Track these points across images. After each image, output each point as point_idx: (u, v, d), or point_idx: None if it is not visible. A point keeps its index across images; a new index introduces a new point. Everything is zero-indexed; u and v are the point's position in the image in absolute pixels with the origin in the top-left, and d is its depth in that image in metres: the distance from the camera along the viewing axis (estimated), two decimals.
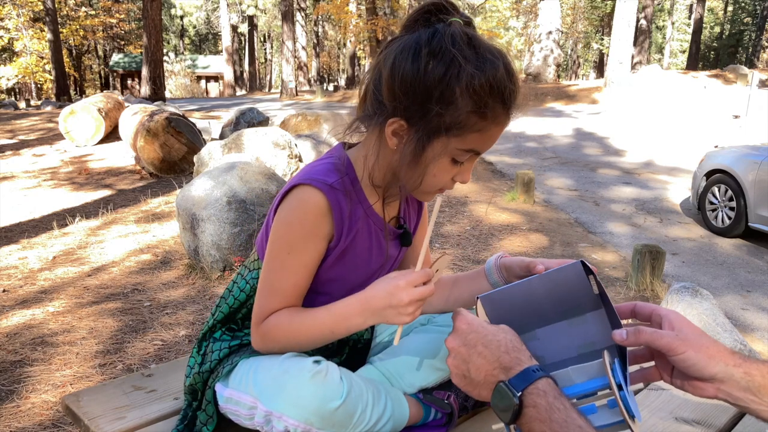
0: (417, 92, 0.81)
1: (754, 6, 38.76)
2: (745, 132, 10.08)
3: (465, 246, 4.58)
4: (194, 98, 25.93)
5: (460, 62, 0.78)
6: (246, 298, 1.02)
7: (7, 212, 5.62)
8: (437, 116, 0.81)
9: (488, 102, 0.80)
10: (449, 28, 0.80)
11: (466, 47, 0.79)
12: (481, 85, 0.79)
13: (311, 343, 0.92)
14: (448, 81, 0.79)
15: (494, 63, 0.80)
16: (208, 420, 0.99)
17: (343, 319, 0.88)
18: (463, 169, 0.89)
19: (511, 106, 0.83)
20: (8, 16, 24.94)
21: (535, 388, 0.70)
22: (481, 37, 0.82)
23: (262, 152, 5.91)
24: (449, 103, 0.80)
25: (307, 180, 0.89)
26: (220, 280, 3.65)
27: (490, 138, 0.86)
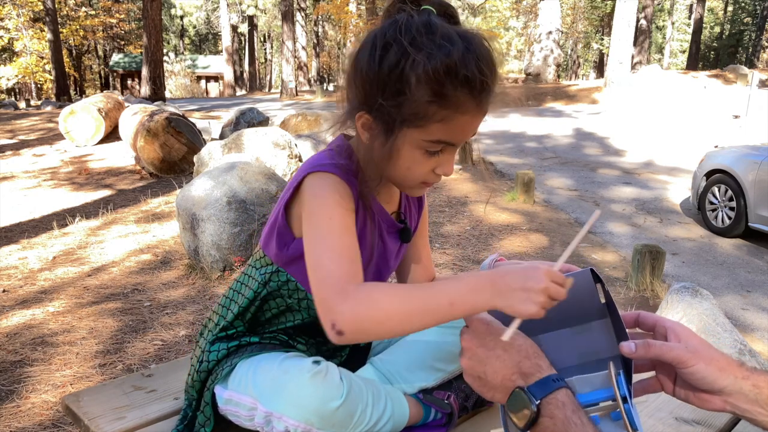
0: (374, 85, 0.80)
1: (754, 6, 38.76)
2: (745, 132, 10.08)
3: (465, 246, 4.58)
4: (194, 98, 25.93)
5: (409, 51, 0.76)
6: (254, 296, 1.00)
7: (7, 212, 5.63)
8: (396, 108, 0.79)
9: (446, 89, 0.77)
10: (408, 17, 0.78)
11: (422, 35, 0.77)
12: (434, 72, 0.76)
13: (422, 313, 0.75)
14: (400, 72, 0.77)
15: (447, 48, 0.76)
16: (206, 421, 0.99)
17: (470, 291, 0.74)
18: (442, 161, 0.86)
19: (478, 92, 0.79)
20: (8, 16, 24.94)
21: (554, 399, 0.69)
22: (444, 24, 0.79)
23: (262, 152, 5.91)
24: (404, 93, 0.78)
25: (316, 168, 0.88)
26: (220, 280, 3.65)
27: (459, 128, 0.82)
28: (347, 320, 0.76)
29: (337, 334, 0.76)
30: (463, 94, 0.78)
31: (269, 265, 0.99)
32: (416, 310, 0.75)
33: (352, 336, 0.76)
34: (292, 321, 1.03)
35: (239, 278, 1.06)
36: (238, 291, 1.04)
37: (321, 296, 0.79)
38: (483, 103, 0.81)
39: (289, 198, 0.93)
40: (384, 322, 0.76)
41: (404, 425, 0.99)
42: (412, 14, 0.79)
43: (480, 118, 0.83)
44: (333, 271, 0.80)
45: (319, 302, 0.79)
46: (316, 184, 0.87)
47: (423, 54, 0.76)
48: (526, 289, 0.71)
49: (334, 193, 0.86)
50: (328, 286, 0.79)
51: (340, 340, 0.77)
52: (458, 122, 0.81)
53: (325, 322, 0.77)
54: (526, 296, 0.71)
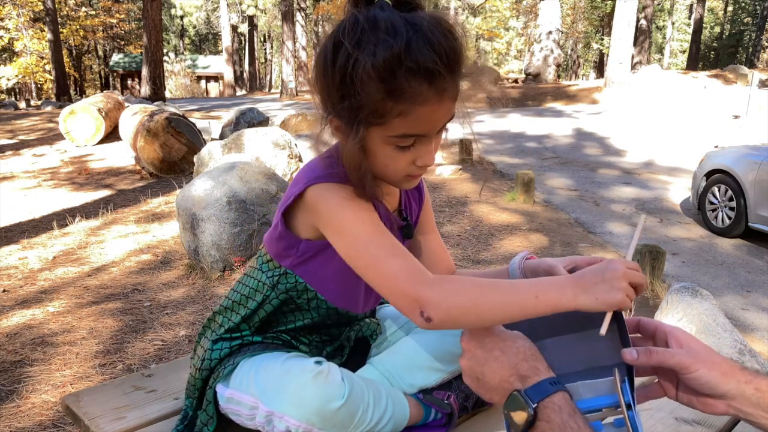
0: (332, 90, 0.80)
1: (754, 6, 38.76)
2: (745, 132, 10.08)
3: (465, 246, 4.58)
4: (194, 98, 25.93)
5: (349, 51, 0.75)
6: (263, 299, 1.00)
7: (7, 212, 5.63)
8: (354, 110, 0.79)
9: (396, 83, 0.75)
10: (354, 16, 0.77)
11: (365, 32, 0.75)
12: (378, 67, 0.74)
13: (509, 303, 0.75)
14: (350, 73, 0.76)
15: (389, 41, 0.74)
16: (208, 420, 0.99)
17: (554, 287, 0.75)
18: (419, 153, 0.85)
19: (432, 80, 0.76)
20: (8, 16, 24.94)
21: (550, 402, 0.69)
22: (392, 16, 0.76)
23: (262, 152, 5.91)
24: (357, 94, 0.77)
25: (318, 179, 0.87)
26: (220, 280, 3.65)
27: (422, 119, 0.80)
28: (436, 306, 0.76)
29: (426, 320, 0.76)
30: (415, 84, 0.76)
31: (277, 268, 0.98)
32: (504, 299, 0.76)
33: (441, 322, 0.76)
34: (302, 321, 1.03)
35: (243, 280, 1.05)
36: (243, 293, 1.03)
37: (400, 289, 0.78)
38: (443, 89, 0.78)
39: (290, 205, 0.92)
40: (472, 310, 0.76)
41: (405, 425, 0.99)
42: (360, 12, 0.78)
43: (446, 105, 0.81)
44: (401, 265, 0.80)
45: (399, 295, 0.79)
46: (328, 195, 0.86)
47: (366, 52, 0.75)
48: (607, 280, 0.72)
49: (350, 200, 0.85)
50: (406, 278, 0.79)
51: (429, 326, 0.77)
52: (419, 114, 0.79)
53: (411, 310, 0.77)
54: (609, 286, 0.72)
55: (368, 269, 0.83)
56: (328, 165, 0.88)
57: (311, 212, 0.89)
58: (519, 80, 24.17)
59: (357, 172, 0.84)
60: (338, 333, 1.09)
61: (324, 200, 0.86)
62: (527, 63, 22.17)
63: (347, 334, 1.09)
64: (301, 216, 0.93)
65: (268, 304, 1.00)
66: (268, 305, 1.00)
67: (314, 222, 0.90)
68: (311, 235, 0.93)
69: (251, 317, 1.01)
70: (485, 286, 0.77)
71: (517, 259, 1.06)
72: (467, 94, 0.84)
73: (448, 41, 0.77)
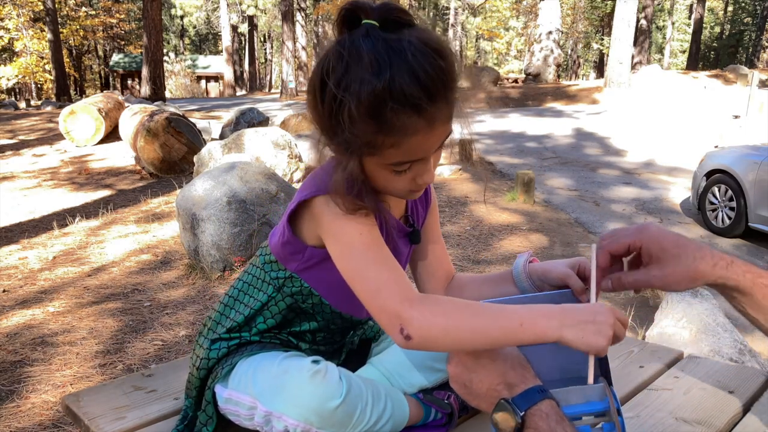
0: (322, 124, 0.81)
1: (754, 6, 38.76)
2: (745, 132, 10.07)
3: (465, 246, 4.58)
4: (194, 98, 25.94)
5: (336, 93, 0.75)
6: (267, 299, 1.00)
7: (7, 212, 5.63)
8: (346, 143, 0.78)
9: (384, 118, 0.75)
10: (337, 50, 0.76)
11: (348, 69, 0.74)
12: (364, 107, 0.74)
13: (492, 328, 0.75)
14: (336, 112, 0.76)
15: (371, 80, 0.73)
16: (207, 420, 0.99)
17: (541, 316, 0.75)
18: (417, 173, 0.85)
19: (421, 110, 0.75)
20: (8, 16, 24.95)
21: (538, 410, 0.69)
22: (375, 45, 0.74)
23: (262, 152, 5.91)
24: (347, 131, 0.76)
25: (322, 190, 0.87)
26: (220, 280, 3.65)
27: (415, 147, 0.79)
28: (416, 326, 0.76)
29: (405, 338, 0.76)
30: (404, 117, 0.75)
31: (281, 270, 0.98)
32: (487, 324, 0.76)
33: (420, 342, 0.76)
34: (307, 325, 1.03)
35: (244, 278, 1.04)
36: (245, 292, 1.03)
37: (382, 305, 0.79)
38: (433, 118, 0.77)
39: (296, 211, 0.92)
40: (453, 332, 0.76)
41: (404, 425, 0.98)
42: (344, 43, 0.76)
43: (439, 130, 0.80)
44: (387, 281, 0.80)
45: (381, 310, 0.79)
46: (332, 206, 0.85)
47: (350, 92, 0.74)
48: (597, 323, 0.74)
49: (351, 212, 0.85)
50: (389, 295, 0.79)
51: (408, 345, 0.77)
52: (412, 143, 0.78)
53: (392, 327, 0.77)
54: (597, 329, 0.73)
55: (355, 281, 0.83)
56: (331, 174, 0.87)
57: (315, 221, 0.89)
58: (519, 80, 24.18)
59: (355, 190, 0.84)
60: (342, 336, 1.09)
61: (327, 211, 0.86)
62: (527, 63, 22.18)
63: (351, 339, 1.10)
64: (306, 223, 0.92)
65: (274, 307, 1.00)
66: (273, 307, 1.00)
67: (317, 231, 0.90)
68: (316, 242, 0.93)
69: (254, 318, 1.01)
70: (470, 310, 0.77)
71: (521, 263, 1.05)
72: (467, 94, 0.84)
73: (435, 67, 0.75)
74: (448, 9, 29.82)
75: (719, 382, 1.19)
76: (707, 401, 1.11)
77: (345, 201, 0.82)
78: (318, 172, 0.91)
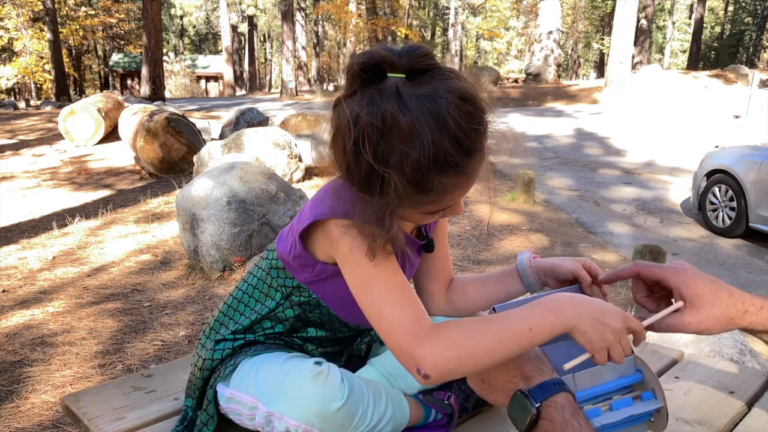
0: (356, 180, 0.78)
1: (754, 6, 38.76)
2: (746, 132, 10.07)
3: (465, 246, 4.58)
4: (194, 98, 25.94)
5: (375, 167, 0.73)
6: (275, 306, 0.99)
7: (7, 212, 5.63)
8: (383, 204, 0.76)
9: (428, 183, 0.74)
10: (369, 117, 0.72)
11: (384, 139, 0.72)
12: (408, 178, 0.73)
13: (503, 343, 0.75)
14: (373, 179, 0.74)
15: (413, 153, 0.71)
16: (209, 420, 0.99)
17: (549, 311, 0.75)
18: (448, 212, 0.85)
19: (462, 167, 0.75)
20: (8, 16, 24.95)
21: (553, 402, 0.70)
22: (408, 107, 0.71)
23: (262, 152, 5.91)
24: (387, 192, 0.75)
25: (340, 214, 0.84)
26: (219, 281, 3.65)
27: (456, 196, 0.80)
28: (431, 364, 0.76)
29: (423, 378, 0.76)
30: (446, 180, 0.75)
31: (290, 279, 0.97)
32: (498, 341, 0.76)
33: (439, 377, 0.77)
34: (314, 332, 1.02)
35: (250, 281, 1.03)
36: (252, 296, 1.02)
37: (396, 344, 0.79)
38: (473, 169, 0.78)
39: (306, 228, 0.90)
40: (468, 361, 0.76)
41: (405, 426, 0.98)
42: (373, 110, 0.72)
43: (475, 177, 0.80)
44: (400, 317, 0.79)
45: (396, 350, 0.79)
46: (349, 233, 0.83)
47: (389, 165, 0.73)
48: (605, 323, 0.74)
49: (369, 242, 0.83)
50: (402, 333, 0.78)
51: (428, 383, 0.78)
52: (452, 195, 0.79)
53: (409, 367, 0.78)
54: (601, 328, 0.74)
55: (370, 315, 0.83)
56: (354, 199, 0.82)
57: (330, 243, 0.87)
58: (519, 80, 24.17)
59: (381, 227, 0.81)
60: (350, 342, 1.09)
61: (345, 239, 0.83)
62: (527, 63, 22.19)
63: (359, 346, 1.10)
64: (319, 241, 0.91)
65: (281, 314, 0.99)
66: (281, 314, 0.99)
67: (330, 251, 0.89)
68: (328, 259, 0.92)
69: (261, 321, 1.00)
70: (478, 332, 0.76)
71: (526, 258, 1.05)
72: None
73: (472, 121, 0.75)
74: (448, 9, 29.82)
75: (720, 382, 1.19)
76: (708, 401, 1.11)
77: (367, 236, 0.80)
78: (333, 190, 0.87)
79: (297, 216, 0.97)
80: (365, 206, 0.78)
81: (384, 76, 0.74)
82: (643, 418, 0.80)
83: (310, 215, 0.88)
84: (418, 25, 35.36)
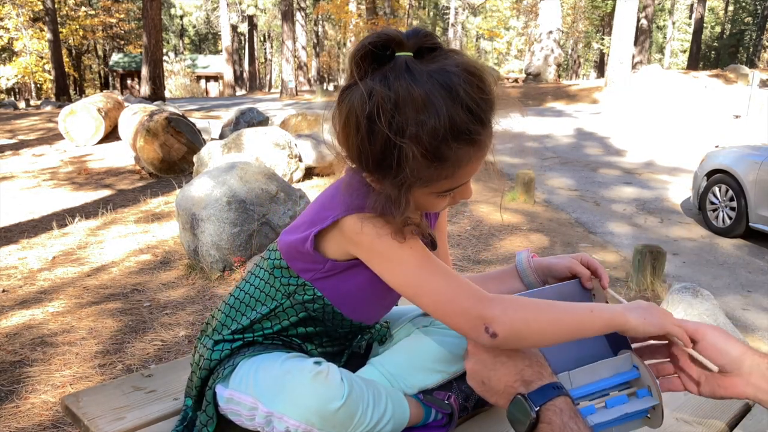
0: (370, 161, 0.78)
1: (754, 6, 38.76)
2: (746, 132, 10.07)
3: (465, 246, 4.58)
4: (194, 98, 25.94)
5: (391, 137, 0.73)
6: (276, 305, 0.99)
7: (7, 212, 5.62)
8: (397, 178, 0.77)
9: (443, 154, 0.75)
10: (382, 91, 0.73)
11: (400, 111, 0.73)
12: (425, 147, 0.74)
13: (567, 316, 0.80)
14: (392, 152, 0.75)
15: (428, 118, 0.73)
16: (208, 421, 0.99)
17: (604, 306, 0.82)
18: (460, 193, 0.86)
19: (476, 138, 0.77)
20: (8, 16, 24.95)
21: (552, 405, 0.72)
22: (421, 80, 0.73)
23: (262, 152, 5.91)
24: (403, 166, 0.75)
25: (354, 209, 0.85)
26: (219, 280, 3.65)
27: (468, 173, 0.81)
28: (501, 322, 0.77)
29: (491, 336, 0.78)
30: (461, 151, 0.77)
31: (294, 278, 0.96)
32: (562, 314, 0.80)
33: (507, 336, 0.78)
34: (314, 329, 1.02)
35: (251, 280, 1.03)
36: (252, 296, 1.01)
37: (461, 309, 0.80)
38: (485, 142, 0.79)
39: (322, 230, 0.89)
40: (534, 325, 0.79)
41: (405, 426, 0.98)
42: (386, 82, 0.73)
43: (487, 150, 0.81)
44: (457, 287, 0.81)
45: (459, 316, 0.80)
46: (370, 226, 0.83)
47: (408, 136, 0.73)
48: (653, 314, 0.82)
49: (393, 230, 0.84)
50: (465, 299, 0.80)
51: (494, 343, 0.79)
52: (465, 171, 0.80)
53: (475, 328, 0.79)
54: (655, 313, 0.82)
55: (421, 295, 0.83)
56: (366, 193, 0.84)
57: (348, 241, 0.87)
58: (519, 80, 24.18)
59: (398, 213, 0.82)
60: (349, 340, 1.09)
61: (368, 230, 0.83)
62: (527, 63, 22.19)
63: (359, 343, 1.09)
64: (333, 240, 0.90)
65: (282, 313, 0.99)
66: (282, 314, 0.99)
67: (351, 250, 0.88)
68: (341, 257, 0.91)
69: (261, 321, 1.00)
70: (542, 303, 0.81)
71: (524, 258, 1.06)
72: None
73: (482, 92, 0.76)
74: (448, 9, 29.83)
75: None
76: (707, 402, 1.11)
77: (391, 222, 0.81)
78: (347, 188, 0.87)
79: (304, 215, 0.97)
80: (379, 194, 0.80)
81: (392, 57, 0.76)
82: (639, 415, 0.80)
83: (330, 215, 0.87)
84: (418, 25, 35.39)
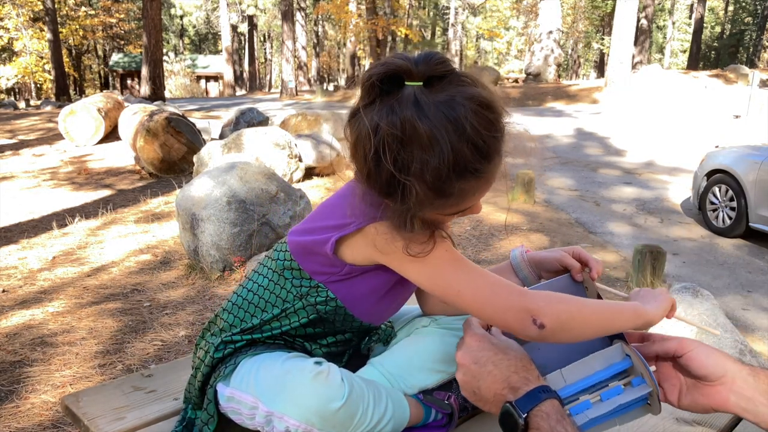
0: (378, 188, 0.78)
1: (754, 6, 38.76)
2: (746, 132, 10.07)
3: (465, 246, 4.58)
4: (194, 98, 25.94)
5: (396, 175, 0.73)
6: (287, 306, 0.98)
7: (7, 212, 5.62)
8: (404, 210, 0.77)
9: (448, 189, 0.75)
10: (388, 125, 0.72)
11: (404, 147, 0.72)
12: (429, 185, 0.74)
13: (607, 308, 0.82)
14: (395, 187, 0.75)
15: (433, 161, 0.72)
16: (209, 419, 0.98)
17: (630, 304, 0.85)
18: (467, 212, 0.86)
19: (483, 173, 0.77)
20: (8, 16, 24.95)
21: (539, 410, 0.72)
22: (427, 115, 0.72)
23: (262, 152, 5.90)
24: (407, 198, 0.75)
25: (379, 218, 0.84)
26: (219, 280, 3.65)
27: (476, 199, 0.82)
28: (547, 313, 0.79)
29: (539, 328, 0.78)
30: (467, 185, 0.77)
31: (306, 280, 0.96)
32: (602, 307, 0.83)
33: (554, 327, 0.79)
34: (321, 329, 1.02)
35: (259, 281, 1.02)
36: (261, 296, 1.00)
37: (507, 305, 0.80)
38: (492, 173, 0.79)
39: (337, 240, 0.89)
40: (578, 316, 0.81)
41: (405, 426, 0.98)
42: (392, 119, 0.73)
43: (492, 181, 0.82)
44: (496, 283, 0.83)
45: (505, 310, 0.80)
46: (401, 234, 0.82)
47: (411, 173, 0.73)
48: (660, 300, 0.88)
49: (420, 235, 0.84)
50: (508, 294, 0.81)
51: (542, 335, 0.79)
52: (471, 198, 0.81)
53: (522, 321, 0.79)
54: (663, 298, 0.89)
55: (461, 294, 0.83)
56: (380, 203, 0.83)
57: (374, 249, 0.87)
58: (519, 80, 24.19)
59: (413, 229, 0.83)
60: (355, 342, 1.08)
61: (397, 240, 0.83)
62: (528, 63, 22.20)
63: (367, 345, 1.09)
64: (354, 246, 0.90)
65: (294, 315, 0.98)
66: (293, 315, 0.98)
67: (376, 258, 0.88)
68: (360, 262, 0.91)
69: (270, 322, 0.99)
70: (574, 297, 0.84)
71: (518, 254, 1.06)
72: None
73: (490, 127, 0.76)
74: (448, 9, 29.83)
75: None
76: None
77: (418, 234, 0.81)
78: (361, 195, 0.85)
79: (317, 217, 0.96)
80: (389, 209, 0.80)
81: (401, 84, 0.75)
82: (639, 403, 0.80)
83: (352, 222, 0.87)
84: (418, 25, 35.38)
